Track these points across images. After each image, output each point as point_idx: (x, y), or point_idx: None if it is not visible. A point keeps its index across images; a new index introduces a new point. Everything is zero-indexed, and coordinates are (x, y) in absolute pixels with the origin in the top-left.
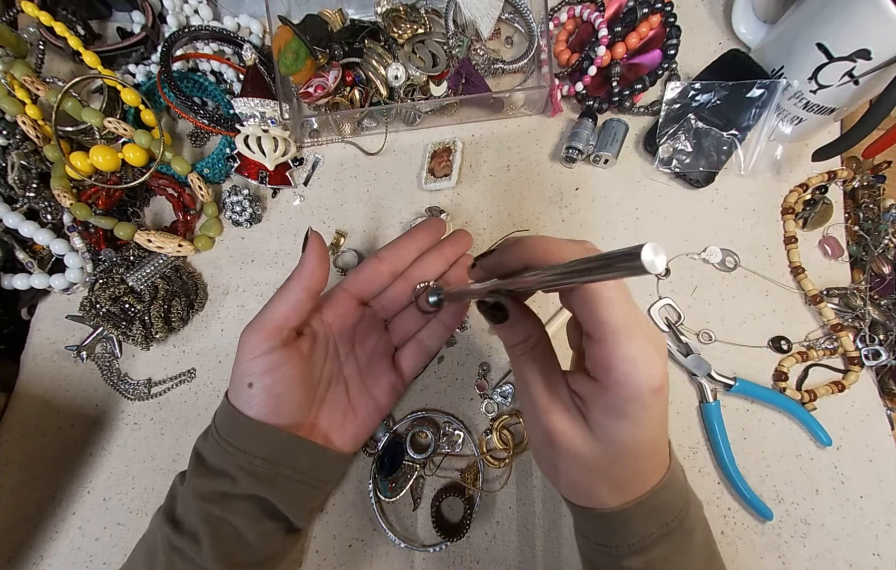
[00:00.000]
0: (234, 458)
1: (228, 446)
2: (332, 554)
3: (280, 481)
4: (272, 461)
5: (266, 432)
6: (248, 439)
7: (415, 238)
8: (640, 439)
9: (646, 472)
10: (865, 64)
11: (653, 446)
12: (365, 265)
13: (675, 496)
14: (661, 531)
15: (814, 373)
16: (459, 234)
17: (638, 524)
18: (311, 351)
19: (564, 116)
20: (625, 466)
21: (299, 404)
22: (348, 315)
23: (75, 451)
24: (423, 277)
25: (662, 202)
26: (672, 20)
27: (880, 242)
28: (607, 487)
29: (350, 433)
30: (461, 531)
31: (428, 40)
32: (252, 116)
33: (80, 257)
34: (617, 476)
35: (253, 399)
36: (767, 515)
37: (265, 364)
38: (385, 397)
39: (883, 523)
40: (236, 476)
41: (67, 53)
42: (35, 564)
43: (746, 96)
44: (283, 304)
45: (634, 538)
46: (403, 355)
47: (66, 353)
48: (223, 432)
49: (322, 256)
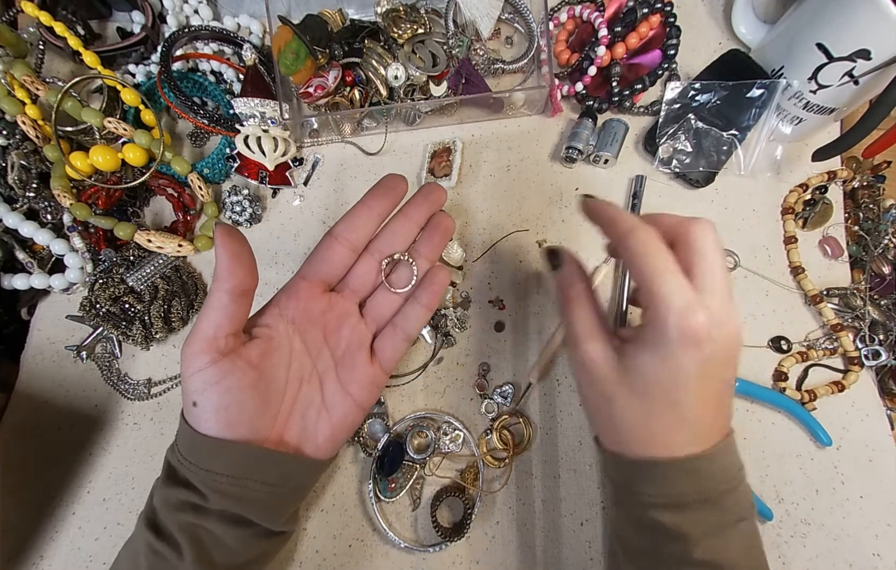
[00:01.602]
0: (197, 476)
1: (190, 464)
2: (332, 554)
3: (249, 494)
4: (237, 477)
5: (224, 449)
6: (207, 458)
7: (369, 205)
8: (659, 376)
9: (671, 432)
10: (865, 64)
11: (678, 399)
12: (319, 246)
13: (721, 472)
14: (697, 497)
15: (814, 373)
16: (427, 189)
17: (671, 483)
18: (266, 354)
19: (564, 116)
20: (650, 408)
21: (255, 414)
22: (312, 305)
23: (75, 451)
24: (391, 248)
25: (662, 202)
26: (672, 20)
27: (880, 242)
28: (634, 426)
29: (325, 435)
30: (461, 531)
31: (428, 40)
32: (252, 116)
33: (80, 257)
34: (640, 418)
35: (201, 417)
36: (767, 515)
37: (204, 380)
38: (363, 393)
39: (883, 523)
40: (204, 493)
41: (67, 53)
42: (35, 564)
43: (746, 96)
44: (209, 313)
45: (667, 493)
46: (380, 343)
47: (66, 353)
48: (183, 450)
49: (235, 250)
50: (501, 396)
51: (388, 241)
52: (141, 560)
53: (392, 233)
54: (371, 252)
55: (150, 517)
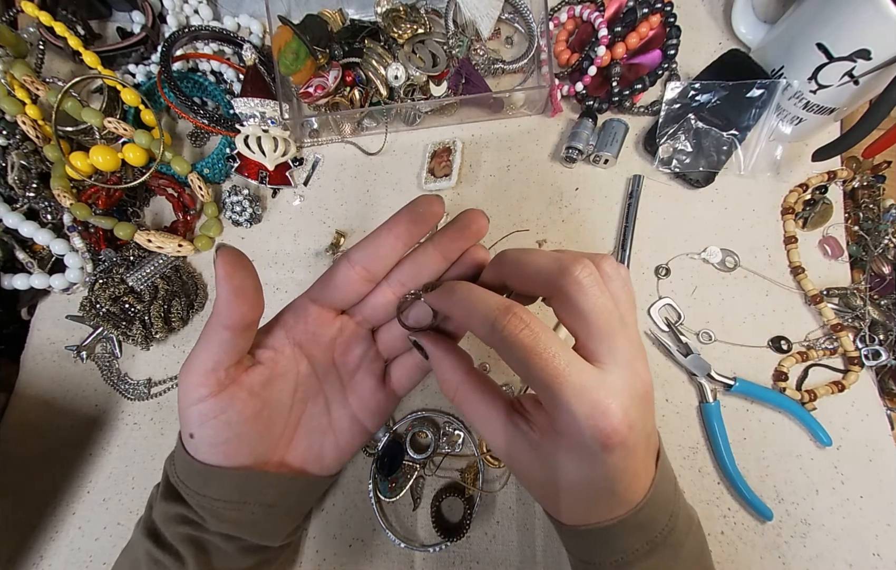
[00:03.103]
0: (195, 499)
1: (187, 488)
2: (332, 554)
3: (247, 518)
4: (234, 502)
5: (224, 476)
6: (206, 484)
7: (395, 233)
8: (592, 480)
9: (612, 502)
10: (865, 64)
11: (614, 487)
12: (334, 272)
13: (660, 512)
14: (646, 548)
15: (814, 373)
16: (468, 218)
17: (619, 541)
18: (270, 382)
19: (564, 116)
20: (581, 500)
21: (256, 442)
22: (322, 330)
23: (75, 451)
24: (414, 282)
25: (662, 202)
26: (672, 20)
27: (880, 242)
28: (570, 513)
29: (331, 458)
30: (461, 531)
31: (428, 40)
32: (252, 116)
33: (80, 257)
34: (575, 507)
35: (199, 449)
36: (767, 515)
37: (201, 414)
38: (371, 419)
39: (883, 523)
40: (203, 516)
41: (67, 53)
42: (35, 564)
43: (746, 96)
44: (207, 347)
45: (617, 554)
46: (395, 369)
47: (66, 353)
48: (181, 473)
49: (237, 285)
50: None
51: (411, 273)
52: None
53: (417, 264)
54: (390, 283)
55: (149, 527)
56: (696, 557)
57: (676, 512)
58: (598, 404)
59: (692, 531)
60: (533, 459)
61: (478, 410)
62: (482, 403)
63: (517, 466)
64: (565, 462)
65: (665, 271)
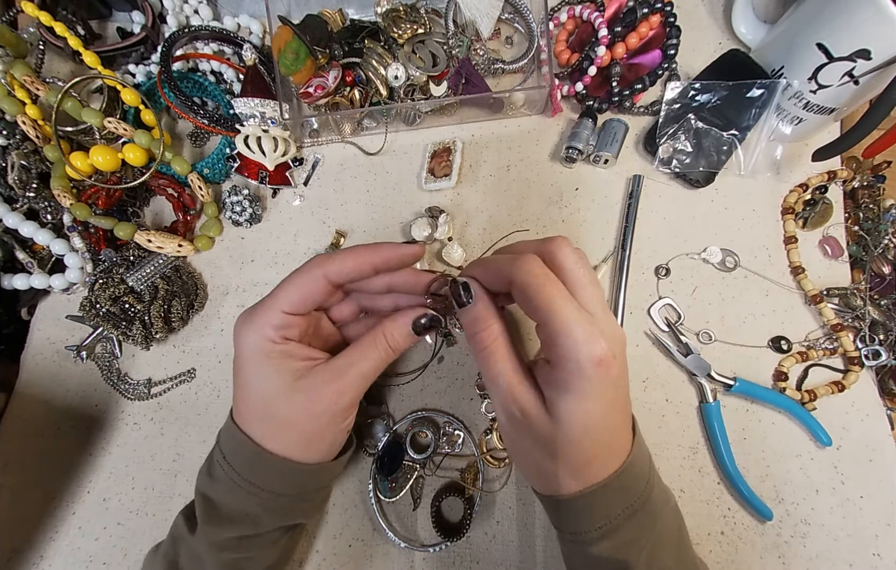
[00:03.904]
0: (256, 498)
1: (250, 486)
2: (332, 554)
3: (305, 504)
4: (299, 494)
5: (300, 472)
6: (276, 479)
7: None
8: (589, 414)
9: (603, 455)
10: (865, 64)
11: (606, 425)
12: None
13: (637, 479)
14: (626, 513)
15: (814, 373)
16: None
17: (601, 508)
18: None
19: (564, 116)
20: (580, 446)
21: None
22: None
23: (75, 451)
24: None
25: (662, 202)
26: (672, 20)
27: (880, 242)
28: (567, 470)
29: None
30: (461, 531)
31: (428, 40)
32: (252, 116)
33: (80, 257)
34: (574, 458)
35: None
36: (767, 515)
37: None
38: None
39: (883, 523)
40: (260, 516)
41: (67, 53)
42: (35, 564)
43: (746, 96)
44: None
45: (600, 521)
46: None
47: (66, 353)
48: (241, 470)
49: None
50: None
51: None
52: None
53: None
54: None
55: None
56: (673, 531)
57: (652, 483)
58: (591, 333)
59: (669, 506)
60: (539, 412)
61: (506, 365)
62: (509, 360)
63: (525, 420)
64: (569, 404)
65: (665, 271)
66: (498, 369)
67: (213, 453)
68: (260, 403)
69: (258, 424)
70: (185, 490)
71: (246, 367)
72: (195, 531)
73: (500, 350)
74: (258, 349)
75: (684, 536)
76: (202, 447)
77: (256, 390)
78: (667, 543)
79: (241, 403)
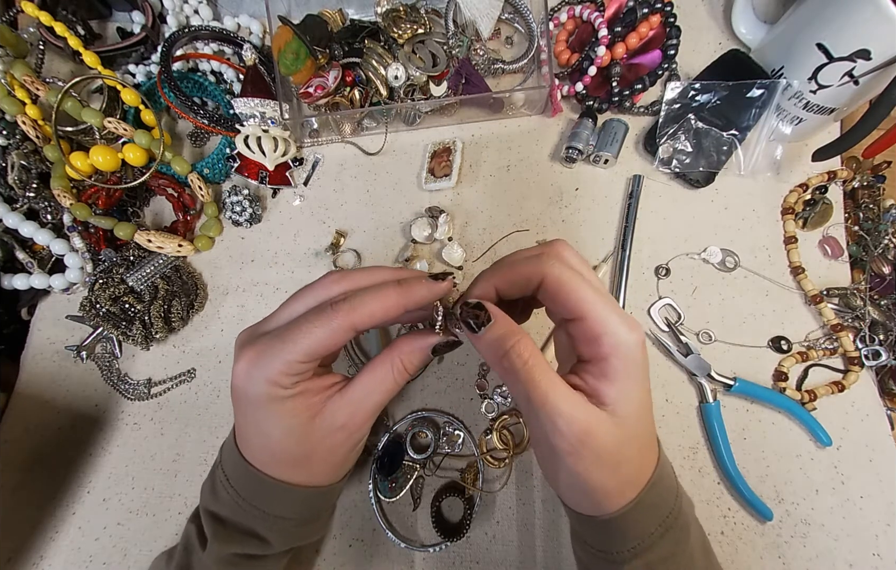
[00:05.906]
0: (263, 522)
1: (255, 510)
2: (332, 554)
3: (312, 527)
4: (307, 518)
5: (304, 498)
6: (281, 505)
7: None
8: (642, 401)
9: (646, 452)
10: (865, 64)
11: (649, 414)
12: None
13: (668, 492)
14: (660, 531)
15: (814, 373)
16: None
17: (636, 526)
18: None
19: (564, 116)
20: (639, 441)
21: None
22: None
23: (75, 451)
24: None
25: (662, 202)
26: (672, 20)
27: (880, 242)
28: (613, 481)
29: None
30: (461, 531)
31: (428, 40)
32: (252, 116)
33: (80, 257)
34: (635, 459)
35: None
36: (767, 515)
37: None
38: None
39: (883, 523)
40: (268, 538)
41: (67, 53)
42: (35, 564)
43: (746, 96)
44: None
45: (634, 541)
46: None
47: (66, 353)
48: (245, 494)
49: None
50: (501, 396)
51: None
52: None
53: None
54: None
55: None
56: (701, 541)
57: (680, 494)
58: (627, 318)
59: (693, 516)
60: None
61: (554, 381)
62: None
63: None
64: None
65: (665, 271)
66: (544, 389)
67: (215, 472)
68: (270, 443)
69: (269, 462)
70: (185, 490)
71: (251, 410)
72: (205, 546)
73: (541, 364)
74: (269, 396)
75: (706, 541)
76: (202, 447)
77: (266, 433)
78: (696, 554)
79: (247, 440)
